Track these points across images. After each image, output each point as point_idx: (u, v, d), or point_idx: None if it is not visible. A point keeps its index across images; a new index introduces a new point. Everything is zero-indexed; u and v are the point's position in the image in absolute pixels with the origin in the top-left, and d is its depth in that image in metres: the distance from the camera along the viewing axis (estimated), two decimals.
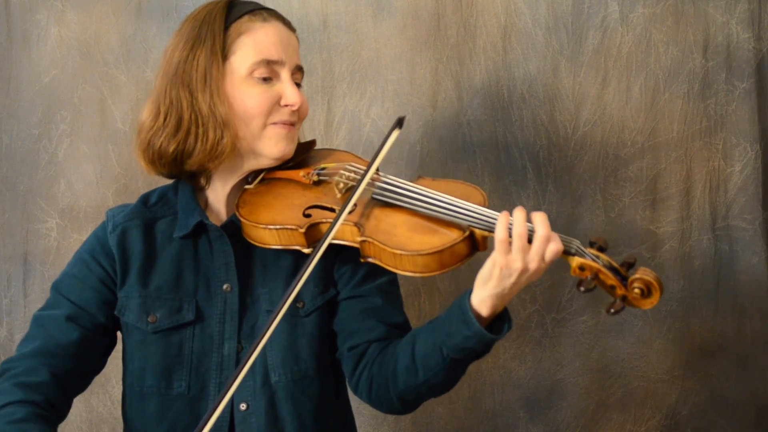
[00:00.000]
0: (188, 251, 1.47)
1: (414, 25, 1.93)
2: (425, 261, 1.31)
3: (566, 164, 1.95)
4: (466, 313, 1.29)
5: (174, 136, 1.42)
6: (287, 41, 1.46)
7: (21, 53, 1.98)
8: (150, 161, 1.46)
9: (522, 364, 2.00)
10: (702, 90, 1.95)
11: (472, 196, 1.38)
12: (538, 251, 1.26)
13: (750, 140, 1.96)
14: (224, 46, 1.42)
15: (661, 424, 2.01)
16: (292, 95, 1.44)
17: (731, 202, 1.98)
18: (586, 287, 1.26)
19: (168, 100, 1.43)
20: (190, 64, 1.42)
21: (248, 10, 1.45)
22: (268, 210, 1.44)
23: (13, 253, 2.02)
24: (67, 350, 1.42)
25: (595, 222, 1.97)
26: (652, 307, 1.26)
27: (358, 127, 1.95)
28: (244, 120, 1.43)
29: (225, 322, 1.44)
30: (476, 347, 1.30)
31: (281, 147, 1.45)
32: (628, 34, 1.93)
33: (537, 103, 1.94)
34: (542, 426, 2.01)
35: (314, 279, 1.46)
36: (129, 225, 1.48)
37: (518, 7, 1.92)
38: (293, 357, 1.44)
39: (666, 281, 1.98)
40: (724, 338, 2.01)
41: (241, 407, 1.43)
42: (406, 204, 1.37)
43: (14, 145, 2.00)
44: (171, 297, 1.45)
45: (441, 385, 1.38)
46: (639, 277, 1.25)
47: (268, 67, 1.43)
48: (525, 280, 1.28)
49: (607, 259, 1.28)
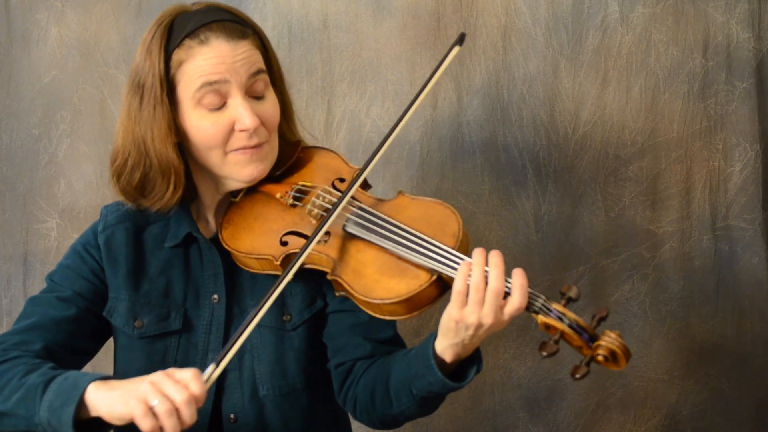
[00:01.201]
0: (178, 260, 1.46)
1: (414, 25, 1.93)
2: (392, 308, 1.28)
3: (566, 164, 1.95)
4: (428, 360, 1.26)
5: (136, 172, 1.40)
6: (231, 58, 1.35)
7: (21, 53, 1.98)
8: (122, 191, 1.44)
9: (522, 364, 2.00)
10: (702, 90, 1.95)
11: (448, 224, 1.32)
12: (491, 306, 1.19)
13: (750, 140, 1.95)
14: (168, 78, 1.36)
15: (661, 424, 2.01)
16: (244, 119, 1.35)
17: (731, 202, 1.98)
18: (549, 352, 1.17)
19: (126, 134, 1.40)
20: (138, 101, 1.37)
21: (187, 33, 1.35)
22: (248, 235, 1.41)
23: (13, 253, 2.02)
24: (61, 325, 1.40)
25: (595, 222, 1.97)
26: (620, 370, 1.19)
27: (358, 127, 1.95)
28: (203, 152, 1.39)
29: (210, 333, 1.43)
30: (442, 392, 1.29)
31: (248, 172, 1.40)
32: (628, 34, 1.93)
33: (537, 103, 1.94)
34: (542, 426, 2.01)
35: (302, 292, 1.44)
36: (119, 227, 1.47)
37: (518, 7, 1.92)
38: (281, 371, 1.43)
39: (666, 281, 1.99)
40: (724, 338, 2.00)
41: (230, 418, 1.42)
42: (376, 241, 1.32)
43: (14, 145, 2.00)
44: (160, 304, 1.44)
45: (418, 414, 1.36)
46: (603, 345, 1.17)
47: (214, 92, 1.35)
48: (485, 333, 1.22)
49: (574, 317, 1.20)
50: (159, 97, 1.35)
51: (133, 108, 1.38)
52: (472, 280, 1.20)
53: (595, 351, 1.18)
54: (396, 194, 1.41)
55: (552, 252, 1.96)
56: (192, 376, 1.16)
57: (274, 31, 1.92)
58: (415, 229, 1.31)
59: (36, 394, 1.24)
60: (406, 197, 1.40)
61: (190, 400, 1.14)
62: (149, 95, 1.36)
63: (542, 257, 1.96)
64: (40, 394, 1.23)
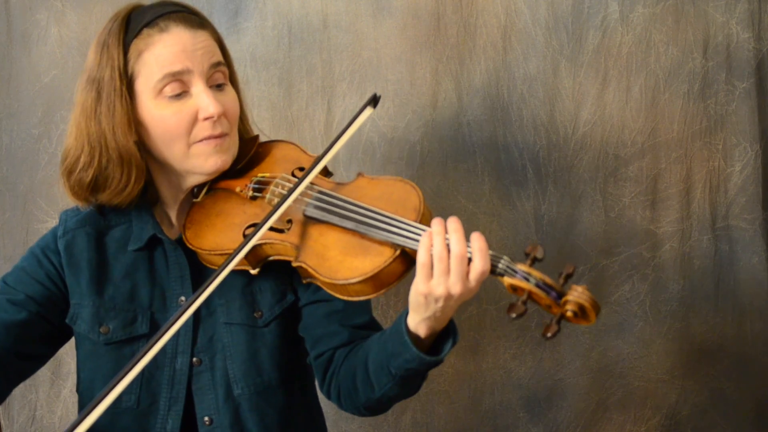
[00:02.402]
0: (143, 263, 1.43)
1: (414, 25, 1.93)
2: (359, 288, 1.27)
3: (566, 164, 1.95)
4: (402, 336, 1.25)
5: (89, 168, 1.37)
6: (192, 46, 1.33)
7: (21, 53, 1.98)
8: (71, 189, 1.41)
9: (522, 364, 2.00)
10: (702, 90, 1.95)
11: (409, 199, 1.31)
12: (457, 273, 1.17)
13: (750, 140, 1.95)
14: (126, 70, 1.33)
15: (661, 424, 2.01)
16: (207, 106, 1.33)
17: (731, 202, 1.98)
18: (517, 313, 1.15)
19: (79, 132, 1.37)
20: (95, 96, 1.34)
21: (146, 23, 1.34)
22: (210, 231, 1.40)
23: (13, 253, 2.01)
24: (9, 329, 1.36)
25: (595, 222, 1.96)
26: (590, 325, 1.17)
27: (358, 127, 1.95)
28: (165, 143, 1.36)
29: (179, 336, 1.40)
30: (420, 368, 1.27)
31: (212, 162, 1.37)
32: (628, 34, 1.93)
33: (537, 103, 1.94)
34: (542, 426, 2.01)
35: (271, 288, 1.43)
36: (79, 232, 1.44)
37: (518, 7, 1.92)
38: (255, 368, 1.41)
39: (666, 281, 1.99)
40: (724, 338, 2.00)
41: (205, 421, 1.40)
42: (337, 222, 1.31)
43: (14, 145, 2.00)
44: (125, 308, 1.41)
45: (401, 395, 1.34)
46: (571, 300, 1.15)
47: (176, 81, 1.33)
48: (455, 303, 1.20)
49: (540, 276, 1.17)
50: (119, 89, 1.33)
51: (89, 104, 1.35)
52: (434, 249, 1.18)
53: (564, 307, 1.16)
54: (355, 176, 1.41)
55: (552, 252, 1.96)
56: None
57: (274, 31, 1.92)
58: (375, 207, 1.30)
59: None
60: (365, 178, 1.39)
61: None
62: (108, 89, 1.33)
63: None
64: None
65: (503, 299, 1.98)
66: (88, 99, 1.36)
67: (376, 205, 1.31)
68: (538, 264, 1.21)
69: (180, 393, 1.40)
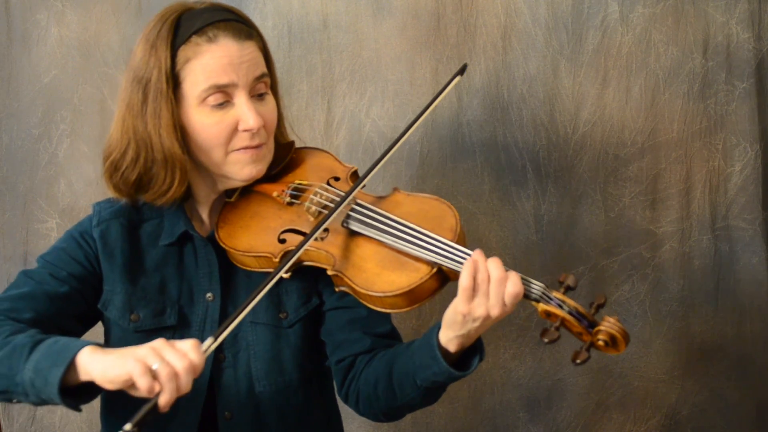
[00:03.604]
0: (173, 258, 1.46)
1: (414, 25, 1.93)
2: (393, 301, 1.30)
3: (566, 164, 1.95)
4: (433, 350, 1.28)
5: (134, 166, 1.40)
6: (239, 59, 1.37)
7: (21, 53, 1.98)
8: (115, 186, 1.44)
9: (522, 364, 2.00)
10: (702, 90, 1.95)
11: (445, 218, 1.35)
12: (497, 295, 1.22)
13: (750, 140, 1.95)
14: (174, 73, 1.36)
15: (661, 424, 2.02)
16: (248, 119, 1.36)
17: (731, 202, 1.98)
18: (550, 339, 1.21)
19: (125, 128, 1.39)
20: (141, 96, 1.37)
21: (195, 30, 1.36)
22: (245, 233, 1.42)
23: (13, 253, 2.02)
24: (53, 300, 1.39)
25: (595, 222, 1.97)
26: (619, 354, 1.22)
27: (358, 127, 1.95)
28: (204, 150, 1.39)
29: (204, 331, 1.43)
30: (446, 381, 1.31)
31: (247, 171, 1.41)
32: (628, 34, 1.93)
33: (537, 103, 1.94)
34: (542, 426, 2.01)
35: (297, 291, 1.46)
36: (113, 223, 1.46)
37: (518, 7, 1.92)
38: (277, 368, 1.44)
39: (666, 281, 1.99)
40: (724, 338, 2.00)
41: (225, 416, 1.42)
42: (376, 236, 1.34)
43: (14, 145, 2.00)
44: (155, 299, 1.44)
45: (421, 405, 1.39)
46: (603, 330, 1.20)
47: (221, 92, 1.36)
48: (491, 323, 1.25)
49: (573, 304, 1.23)
50: (165, 92, 1.35)
51: (135, 103, 1.38)
52: (479, 275, 1.23)
53: (595, 336, 1.21)
54: (391, 191, 1.44)
55: (552, 252, 1.97)
56: (192, 346, 1.16)
57: (274, 31, 1.92)
58: (413, 223, 1.33)
59: (22, 353, 1.22)
60: (401, 193, 1.43)
61: (189, 368, 1.15)
62: (155, 91, 1.36)
63: (542, 257, 1.96)
64: (27, 353, 1.21)
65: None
66: (134, 98, 1.38)
67: (413, 221, 1.34)
68: (571, 293, 1.26)
69: (202, 386, 1.42)
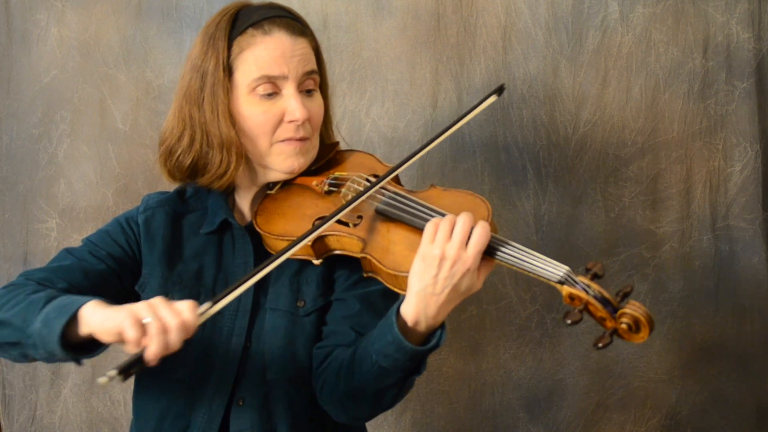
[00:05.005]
0: (212, 247, 1.49)
1: (414, 25, 1.93)
2: None
3: (566, 164, 1.95)
4: (390, 316, 1.28)
5: (189, 152, 1.46)
6: (291, 52, 1.43)
7: (21, 53, 1.98)
8: (169, 171, 1.50)
9: (522, 364, 2.00)
10: (702, 90, 1.95)
11: (478, 210, 1.35)
12: (458, 239, 1.22)
13: (750, 140, 1.96)
14: (229, 62, 1.42)
15: (661, 424, 2.01)
16: (294, 110, 1.42)
17: (731, 202, 1.98)
18: (573, 320, 1.19)
19: (182, 115, 1.46)
20: (199, 84, 1.43)
21: (252, 23, 1.43)
22: (281, 219, 1.46)
23: (13, 253, 2.02)
24: (88, 275, 1.43)
25: (595, 222, 1.97)
26: (642, 342, 1.20)
27: (358, 127, 1.95)
28: (250, 138, 1.44)
29: (236, 319, 1.45)
30: (396, 355, 1.27)
31: (290, 163, 1.46)
32: (628, 34, 1.93)
33: (537, 103, 1.94)
34: (542, 426, 2.01)
35: (317, 281, 1.47)
36: (159, 211, 1.51)
37: (518, 7, 1.92)
38: (291, 355, 1.44)
39: (666, 281, 1.99)
40: (724, 338, 2.01)
41: (238, 401, 1.43)
42: (406, 220, 1.36)
43: (14, 145, 2.00)
44: (191, 285, 1.47)
45: (375, 392, 1.33)
46: (628, 312, 1.19)
47: (270, 83, 1.42)
48: (453, 295, 1.24)
49: (598, 289, 1.21)
50: (221, 80, 1.41)
51: (193, 91, 1.44)
52: (444, 219, 1.25)
53: (619, 320, 1.19)
54: (428, 186, 1.46)
55: (552, 252, 1.95)
56: (188, 307, 1.18)
57: None
58: (444, 210, 1.35)
59: (37, 306, 1.26)
60: (437, 188, 1.45)
61: (181, 326, 1.16)
62: (212, 79, 1.42)
63: None
64: (41, 307, 1.25)
65: (503, 300, 1.98)
66: (192, 85, 1.44)
67: (446, 211, 1.35)
68: (598, 280, 1.24)
69: (230, 373, 1.43)
